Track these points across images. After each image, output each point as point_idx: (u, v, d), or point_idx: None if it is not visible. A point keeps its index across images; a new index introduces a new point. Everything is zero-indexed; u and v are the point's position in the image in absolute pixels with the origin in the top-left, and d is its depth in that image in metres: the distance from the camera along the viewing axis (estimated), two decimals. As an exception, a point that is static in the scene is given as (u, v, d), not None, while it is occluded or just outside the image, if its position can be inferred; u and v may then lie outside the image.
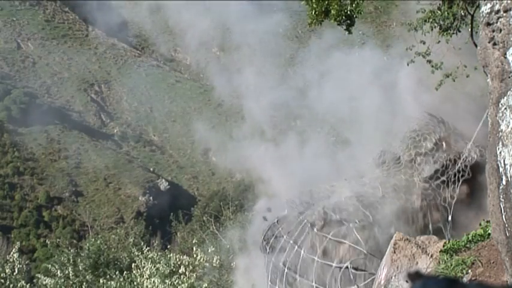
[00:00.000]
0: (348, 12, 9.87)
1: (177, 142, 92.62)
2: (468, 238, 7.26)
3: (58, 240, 19.63)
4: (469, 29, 11.47)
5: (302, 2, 10.27)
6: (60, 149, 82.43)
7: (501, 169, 4.42)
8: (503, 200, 4.46)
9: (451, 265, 6.81)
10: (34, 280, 17.07)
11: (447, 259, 7.15)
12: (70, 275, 15.96)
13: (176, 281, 14.24)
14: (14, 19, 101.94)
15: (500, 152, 4.41)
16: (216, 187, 79.65)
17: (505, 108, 4.35)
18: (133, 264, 15.93)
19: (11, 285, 15.66)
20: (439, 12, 11.65)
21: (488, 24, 4.46)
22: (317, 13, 9.89)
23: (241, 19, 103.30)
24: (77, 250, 17.56)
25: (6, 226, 68.21)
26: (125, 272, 16.15)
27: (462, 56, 12.52)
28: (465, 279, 6.45)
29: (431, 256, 7.83)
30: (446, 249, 7.43)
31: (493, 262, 6.43)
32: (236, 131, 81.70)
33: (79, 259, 16.77)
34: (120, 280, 15.26)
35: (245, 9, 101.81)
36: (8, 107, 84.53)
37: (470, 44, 11.20)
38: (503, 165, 4.39)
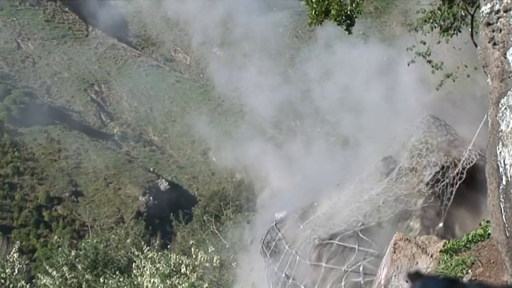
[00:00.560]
0: (348, 12, 9.87)
1: (177, 142, 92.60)
2: (468, 238, 7.27)
3: (58, 240, 19.57)
4: (469, 29, 11.47)
5: (302, 2, 10.28)
6: (60, 149, 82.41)
7: (501, 169, 4.42)
8: (503, 200, 4.46)
9: (451, 265, 6.81)
10: (33, 280, 17.07)
11: (447, 259, 7.15)
12: (67, 275, 15.94)
13: (176, 281, 14.22)
14: (14, 19, 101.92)
15: (500, 152, 4.41)
16: (216, 187, 79.64)
17: (505, 108, 4.36)
18: (133, 264, 15.92)
19: (11, 285, 15.64)
20: (439, 12, 11.66)
21: (488, 24, 4.47)
22: (317, 13, 9.90)
23: (241, 18, 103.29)
24: (76, 250, 17.54)
25: (6, 226, 68.19)
26: (124, 272, 16.14)
27: (462, 56, 12.52)
28: (465, 279, 6.45)
29: (431, 256, 7.83)
30: (446, 249, 7.43)
31: (493, 262, 6.43)
32: (236, 131, 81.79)
33: (77, 259, 16.76)
34: (120, 280, 15.24)
35: (245, 8, 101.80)
36: (8, 107, 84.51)
37: (470, 44, 11.20)
38: (503, 165, 4.39)
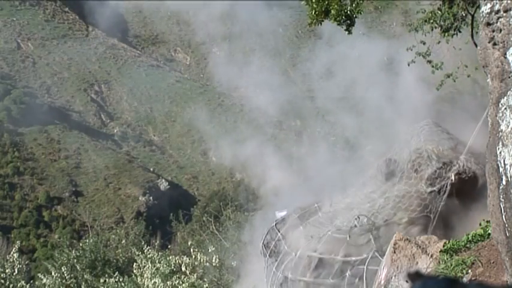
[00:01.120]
0: (348, 12, 9.86)
1: (177, 142, 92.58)
2: (468, 238, 7.26)
3: (59, 240, 19.60)
4: (470, 29, 11.46)
5: (302, 2, 10.26)
6: (60, 149, 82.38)
7: (501, 169, 4.42)
8: (503, 200, 4.46)
9: (451, 265, 6.81)
10: (31, 281, 17.05)
11: (447, 259, 7.15)
12: (65, 275, 15.93)
13: (177, 281, 14.22)
14: (14, 19, 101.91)
15: (500, 152, 4.41)
16: (216, 187, 79.63)
17: (505, 108, 4.36)
18: (134, 264, 15.91)
19: (11, 285, 15.64)
20: (440, 12, 11.65)
21: (488, 24, 4.46)
22: (317, 13, 9.89)
23: (241, 18, 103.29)
24: (76, 250, 17.53)
25: (6, 226, 68.17)
26: (124, 272, 16.13)
27: (463, 56, 12.52)
28: (465, 279, 6.45)
29: (431, 256, 7.82)
30: (446, 249, 7.43)
31: (493, 262, 6.43)
32: (236, 131, 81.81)
33: (76, 259, 16.75)
34: (120, 280, 15.24)
35: (245, 8, 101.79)
36: (8, 107, 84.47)
37: (470, 44, 11.20)
38: (503, 165, 4.39)
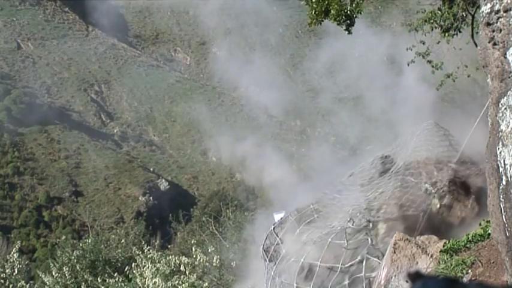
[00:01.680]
0: (348, 12, 9.86)
1: (177, 142, 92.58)
2: (468, 238, 7.26)
3: (58, 240, 19.62)
4: (470, 29, 11.46)
5: (302, 2, 10.26)
6: (60, 149, 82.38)
7: (501, 169, 4.42)
8: (503, 200, 4.46)
9: (451, 265, 6.81)
10: (31, 281, 17.05)
11: (447, 259, 7.15)
12: (66, 274, 15.94)
13: (177, 281, 14.21)
14: (14, 19, 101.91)
15: (500, 152, 4.41)
16: (216, 187, 79.65)
17: (505, 108, 4.35)
18: (133, 264, 15.91)
19: (11, 285, 15.65)
20: (440, 12, 11.65)
21: (488, 24, 4.46)
22: (317, 13, 9.88)
23: (241, 18, 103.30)
24: (76, 250, 17.54)
25: (6, 226, 68.19)
26: (124, 272, 16.12)
27: (463, 56, 12.52)
28: (465, 279, 6.45)
29: (431, 256, 7.82)
30: (446, 249, 7.43)
31: (493, 262, 6.43)
32: (236, 131, 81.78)
33: (75, 259, 16.75)
34: (120, 281, 15.24)
35: (246, 8, 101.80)
36: (8, 107, 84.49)
37: (470, 44, 11.20)
38: (503, 165, 4.39)
